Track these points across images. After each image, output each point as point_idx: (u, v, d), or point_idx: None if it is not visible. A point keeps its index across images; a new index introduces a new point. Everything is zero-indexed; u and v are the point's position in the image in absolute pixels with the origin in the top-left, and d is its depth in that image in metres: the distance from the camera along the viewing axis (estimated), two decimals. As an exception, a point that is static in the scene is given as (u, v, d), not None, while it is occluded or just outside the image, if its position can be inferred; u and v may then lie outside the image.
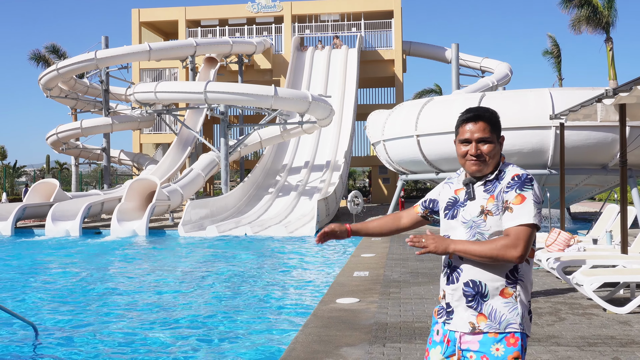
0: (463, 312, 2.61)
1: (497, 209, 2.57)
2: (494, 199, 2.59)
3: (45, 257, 14.83)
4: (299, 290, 10.02)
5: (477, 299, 2.58)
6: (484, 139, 2.66)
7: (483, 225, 2.59)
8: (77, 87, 29.79)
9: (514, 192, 2.54)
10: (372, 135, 20.28)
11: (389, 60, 32.65)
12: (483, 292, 2.58)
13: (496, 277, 2.57)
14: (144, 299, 9.41)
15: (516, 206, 2.52)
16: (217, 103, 22.07)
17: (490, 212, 2.58)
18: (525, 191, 2.54)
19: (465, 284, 2.61)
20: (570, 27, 33.15)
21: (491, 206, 2.59)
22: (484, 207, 2.60)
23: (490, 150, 2.65)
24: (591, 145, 15.45)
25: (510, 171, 2.63)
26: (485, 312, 2.57)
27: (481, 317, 2.57)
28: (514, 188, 2.55)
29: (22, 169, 49.39)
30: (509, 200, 2.54)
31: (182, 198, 22.05)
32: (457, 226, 2.68)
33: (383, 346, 5.51)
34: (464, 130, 2.70)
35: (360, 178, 57.83)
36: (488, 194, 2.62)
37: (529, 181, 2.57)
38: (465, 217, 2.65)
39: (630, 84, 7.35)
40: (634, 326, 6.11)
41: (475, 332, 2.57)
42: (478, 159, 2.65)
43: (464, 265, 2.63)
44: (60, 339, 7.10)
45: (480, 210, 2.61)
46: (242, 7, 33.46)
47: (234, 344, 6.68)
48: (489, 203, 2.60)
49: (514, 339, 2.54)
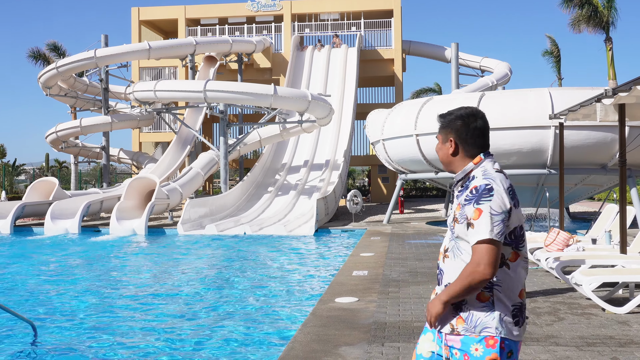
0: (445, 313, 2.66)
1: (461, 217, 2.62)
2: (459, 207, 2.65)
3: (44, 255, 14.82)
4: (297, 289, 10.02)
5: (457, 302, 2.63)
6: (437, 139, 2.85)
7: (454, 232, 2.67)
8: (77, 85, 29.76)
9: (472, 207, 2.56)
10: (372, 135, 20.29)
11: (389, 60, 32.64)
12: None
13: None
14: (142, 298, 9.41)
15: (475, 222, 2.54)
16: (217, 102, 22.06)
17: (457, 220, 2.65)
18: (482, 204, 2.53)
19: (446, 287, 2.67)
20: (570, 26, 33.16)
21: (458, 214, 2.65)
22: (455, 213, 2.67)
23: (439, 150, 2.81)
24: (590, 145, 15.45)
25: (473, 182, 2.62)
26: (463, 315, 2.61)
27: (459, 320, 2.62)
28: (472, 202, 2.56)
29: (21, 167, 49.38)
30: (469, 215, 2.57)
31: (181, 197, 22.05)
32: (449, 226, 2.79)
33: (382, 345, 5.51)
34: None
35: (359, 177, 57.85)
36: (457, 201, 2.68)
37: (486, 193, 2.54)
38: (449, 218, 2.75)
39: (629, 83, 7.35)
40: (633, 326, 6.11)
41: (454, 334, 2.62)
42: (439, 159, 2.84)
43: (445, 268, 2.73)
44: (59, 338, 7.09)
45: (453, 217, 2.69)
46: (242, 6, 33.44)
47: (233, 343, 6.68)
48: (457, 210, 2.66)
49: (492, 341, 2.56)
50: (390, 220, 20.45)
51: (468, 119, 2.72)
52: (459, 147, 2.72)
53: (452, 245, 2.69)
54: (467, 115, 2.73)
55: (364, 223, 20.23)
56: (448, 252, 2.72)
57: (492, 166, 2.67)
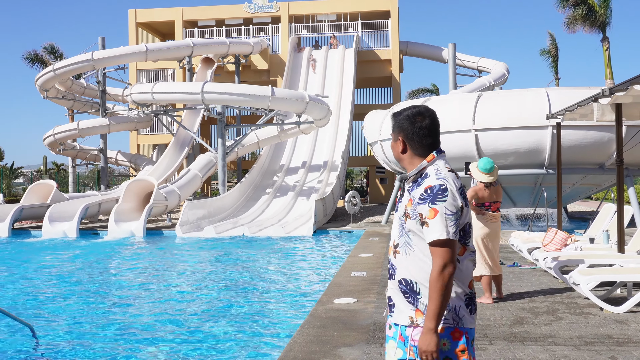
0: (402, 306, 2.72)
1: (413, 214, 2.67)
2: (410, 203, 2.69)
3: (42, 258, 14.80)
4: (296, 290, 10.02)
5: (412, 296, 2.70)
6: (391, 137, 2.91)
7: (405, 226, 2.71)
8: (74, 88, 29.73)
9: (427, 206, 2.61)
10: (370, 135, 20.30)
11: (386, 60, 32.66)
12: (415, 289, 2.69)
13: (425, 275, 2.67)
14: (141, 300, 9.41)
15: (430, 221, 2.59)
16: (215, 103, 22.05)
17: (408, 215, 2.70)
18: (437, 204, 2.59)
19: (400, 282, 2.73)
20: (565, 26, 33.18)
21: (409, 210, 2.70)
22: (406, 208, 2.72)
23: (392, 148, 2.88)
24: (588, 145, 15.48)
25: (427, 180, 2.68)
26: (420, 308, 2.67)
27: (418, 313, 2.68)
28: (427, 202, 2.61)
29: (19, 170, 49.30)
30: (424, 214, 2.62)
31: (179, 199, 22.04)
32: (395, 220, 2.83)
33: (380, 346, 5.51)
34: None
35: (357, 178, 57.83)
36: (409, 195, 2.72)
37: (441, 193, 2.61)
38: (399, 213, 2.79)
39: (626, 83, 7.37)
40: (631, 325, 6.13)
41: (414, 326, 2.67)
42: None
43: (396, 264, 2.76)
44: (57, 341, 7.09)
45: (404, 211, 2.73)
46: (239, 8, 33.44)
47: (232, 345, 6.68)
48: (409, 206, 2.70)
49: (458, 333, 2.65)
50: (388, 221, 20.46)
51: (414, 119, 2.76)
52: (406, 145, 2.79)
53: (402, 240, 2.73)
54: (414, 115, 2.77)
55: (362, 224, 20.24)
56: (399, 247, 2.75)
57: (444, 165, 2.74)
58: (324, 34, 33.68)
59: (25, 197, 22.40)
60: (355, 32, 32.94)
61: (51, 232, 19.26)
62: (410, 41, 35.34)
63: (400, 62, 33.95)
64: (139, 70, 33.68)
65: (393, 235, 2.83)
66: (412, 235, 2.69)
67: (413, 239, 2.69)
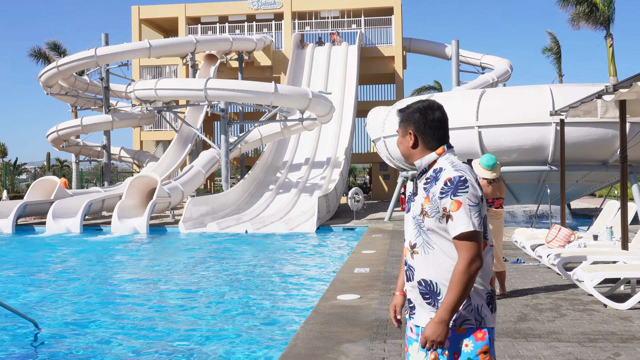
0: (422, 308, 2.66)
1: (432, 211, 2.59)
2: (429, 200, 2.61)
3: (46, 254, 14.85)
4: (299, 286, 10.03)
5: (432, 297, 2.62)
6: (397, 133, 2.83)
7: (423, 225, 2.64)
8: (77, 84, 29.77)
9: (449, 199, 2.54)
10: (373, 132, 20.28)
11: (389, 57, 32.62)
12: (435, 290, 2.61)
13: (445, 275, 2.59)
14: (145, 296, 9.43)
15: (454, 213, 2.53)
16: (218, 100, 22.06)
17: (427, 214, 2.61)
18: (460, 196, 2.53)
19: (419, 283, 2.66)
20: (569, 22, 33.12)
21: (427, 208, 2.61)
22: (423, 206, 2.64)
23: (399, 143, 2.80)
24: (591, 142, 15.44)
25: (444, 174, 2.60)
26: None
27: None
28: (449, 194, 2.54)
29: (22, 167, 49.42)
30: (447, 207, 2.55)
31: (182, 195, 22.06)
32: (408, 220, 2.75)
33: (384, 342, 5.52)
34: None
35: (360, 175, 57.83)
36: (426, 193, 2.64)
37: (462, 184, 2.55)
38: (413, 212, 2.71)
39: (630, 80, 7.35)
40: (635, 322, 6.12)
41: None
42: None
43: (415, 265, 2.68)
44: (61, 336, 7.11)
45: (421, 210, 2.65)
46: (242, 4, 33.42)
47: (235, 340, 6.69)
48: (426, 204, 2.62)
49: (481, 334, 2.58)
50: (391, 218, 20.46)
51: (426, 112, 2.70)
52: (418, 139, 2.72)
53: (420, 240, 2.66)
54: (425, 107, 2.72)
55: (365, 220, 20.24)
56: (417, 247, 2.67)
57: (456, 158, 2.68)
58: (327, 30, 33.65)
59: (28, 193, 22.45)
60: (358, 28, 32.90)
61: (55, 228, 19.30)
62: (413, 38, 35.31)
63: (404, 59, 33.91)
64: (142, 67, 33.71)
65: (408, 236, 2.74)
66: (431, 234, 2.61)
67: (432, 238, 2.61)
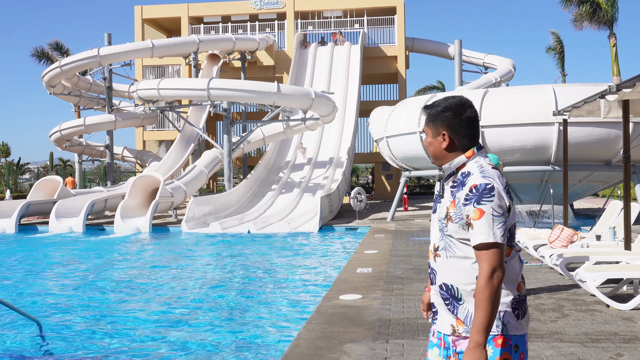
0: (444, 314, 2.58)
1: (456, 217, 2.48)
2: (454, 205, 2.50)
3: (48, 254, 14.88)
4: (302, 286, 10.03)
5: (452, 303, 2.53)
6: (425, 133, 2.65)
7: (446, 230, 2.53)
8: (80, 84, 29.82)
9: (472, 207, 2.42)
10: (375, 132, 20.28)
11: (392, 57, 32.61)
12: (456, 295, 2.52)
13: (467, 280, 2.49)
14: (148, 295, 9.44)
15: (475, 222, 2.41)
16: (220, 100, 22.07)
17: (451, 219, 2.51)
18: (484, 204, 2.40)
19: (440, 287, 2.57)
20: (572, 23, 33.07)
21: (452, 212, 2.50)
22: (448, 210, 2.53)
23: (428, 145, 2.63)
24: (594, 142, 15.42)
25: (471, 179, 2.47)
26: (461, 316, 2.51)
27: (459, 322, 2.52)
28: (472, 202, 2.42)
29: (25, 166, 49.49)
30: (470, 215, 2.43)
31: (185, 195, 22.09)
32: (433, 222, 2.65)
33: (386, 342, 5.52)
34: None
35: (363, 175, 57.79)
36: (452, 197, 2.53)
37: (487, 192, 2.41)
38: (438, 215, 2.61)
39: (633, 79, 7.33)
40: (637, 322, 6.11)
41: (456, 335, 2.53)
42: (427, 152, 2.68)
43: (437, 268, 2.59)
44: (64, 336, 7.12)
45: (445, 214, 2.54)
46: (245, 4, 33.45)
47: (238, 340, 6.70)
48: (451, 208, 2.51)
49: (501, 340, 2.47)
50: (394, 218, 20.45)
51: (458, 110, 2.53)
52: (453, 141, 2.55)
53: (443, 244, 2.56)
54: (457, 105, 2.54)
55: (367, 220, 20.24)
56: (439, 250, 2.58)
57: (487, 162, 2.53)
58: (329, 30, 33.66)
59: (31, 193, 22.50)
60: (361, 28, 32.90)
61: (58, 227, 19.34)
62: (416, 37, 35.29)
63: (406, 59, 33.90)
64: (145, 67, 33.75)
65: (433, 238, 2.64)
66: (451, 239, 2.52)
67: (454, 243, 2.52)
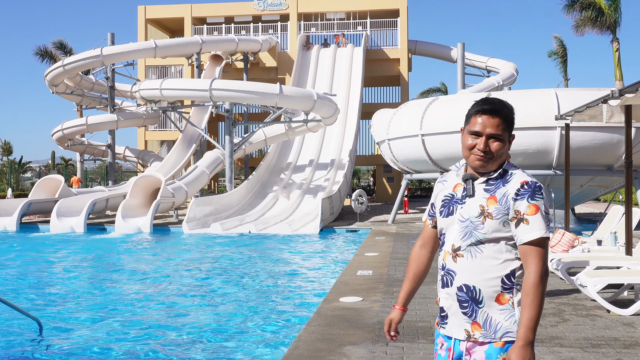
0: (457, 318, 2.50)
1: (498, 213, 2.42)
2: (495, 201, 2.44)
3: (49, 253, 14.88)
4: (302, 288, 10.03)
5: (471, 306, 2.45)
6: (495, 136, 2.48)
7: (481, 228, 2.45)
8: (83, 83, 29.87)
9: (526, 202, 2.41)
10: (377, 134, 20.27)
11: (395, 59, 32.62)
12: (477, 297, 2.44)
13: (492, 282, 2.43)
14: (148, 295, 9.44)
15: (531, 217, 2.40)
16: (223, 101, 22.09)
17: (490, 215, 2.43)
18: (537, 201, 2.41)
19: (459, 289, 2.48)
20: (574, 29, 33.01)
21: (493, 209, 2.44)
22: (484, 208, 2.45)
23: (499, 149, 2.48)
24: (596, 146, 15.40)
25: (518, 176, 2.46)
26: (479, 320, 2.44)
27: (475, 326, 2.45)
28: (526, 197, 2.41)
29: (27, 165, 49.55)
30: (522, 210, 2.41)
31: (186, 195, 22.09)
32: (452, 224, 2.54)
33: (386, 345, 5.52)
34: (477, 122, 2.51)
35: (364, 177, 57.80)
36: (488, 194, 2.47)
37: (538, 189, 2.43)
38: (463, 215, 2.50)
39: (636, 85, 7.32)
40: (638, 328, 6.10)
41: (471, 340, 2.46)
42: (485, 155, 2.47)
43: (458, 268, 2.49)
44: (64, 335, 7.12)
45: (480, 212, 2.46)
46: (248, 5, 33.48)
47: (237, 342, 6.69)
48: (490, 205, 2.44)
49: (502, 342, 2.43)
50: (395, 220, 20.44)
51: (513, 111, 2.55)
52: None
53: (467, 243, 2.47)
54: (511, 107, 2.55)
55: (368, 223, 20.23)
56: (462, 251, 2.48)
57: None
58: (332, 32, 33.68)
59: (33, 191, 22.51)
60: (364, 30, 32.92)
61: (59, 227, 19.35)
62: (419, 40, 35.26)
63: (409, 61, 33.91)
64: (148, 67, 33.78)
65: (451, 239, 2.53)
66: (484, 236, 2.44)
67: (486, 241, 2.44)
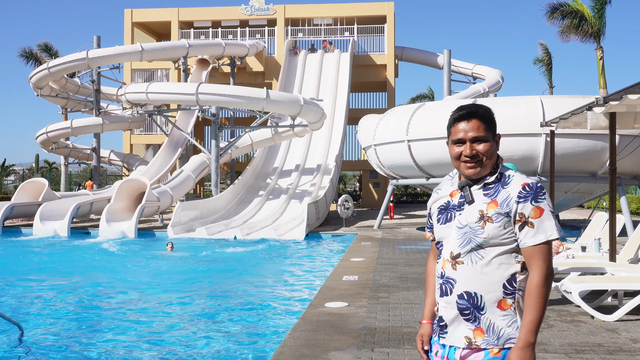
0: (458, 326, 2.44)
1: (499, 216, 2.39)
2: (496, 205, 2.40)
3: (32, 257, 14.71)
4: (287, 293, 9.99)
5: (473, 312, 2.41)
6: (478, 138, 2.47)
7: (480, 232, 2.40)
8: (68, 86, 29.62)
9: (530, 205, 2.37)
10: (363, 140, 20.30)
11: (381, 65, 32.71)
12: (479, 304, 2.40)
13: (493, 287, 2.39)
14: (130, 301, 9.36)
15: (536, 220, 2.36)
16: (209, 105, 22.01)
17: (490, 219, 2.39)
18: (541, 202, 2.38)
19: (460, 296, 2.43)
20: (559, 35, 33.31)
21: (492, 213, 2.40)
22: (484, 212, 2.41)
23: (487, 150, 2.46)
24: (581, 153, 15.54)
25: (517, 178, 2.44)
26: (482, 326, 2.40)
27: (478, 332, 2.40)
28: (529, 199, 2.37)
29: (10, 168, 49.09)
30: (526, 213, 2.37)
31: (171, 199, 21.96)
32: (450, 231, 2.50)
33: (371, 351, 5.50)
34: (457, 130, 2.50)
35: (350, 182, 57.82)
36: (488, 198, 2.43)
37: (540, 190, 2.39)
38: (461, 222, 2.46)
39: (620, 92, 7.40)
40: (622, 334, 6.13)
41: (472, 348, 2.40)
42: (474, 160, 2.45)
43: (458, 276, 2.44)
44: (46, 339, 7.03)
45: (480, 216, 2.42)
46: (236, 10, 33.43)
47: (222, 348, 6.64)
48: (490, 209, 2.40)
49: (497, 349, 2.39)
50: (380, 226, 20.46)
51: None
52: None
53: (467, 249, 2.42)
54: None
55: (354, 228, 20.23)
56: (461, 257, 2.43)
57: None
58: (319, 37, 33.72)
59: (16, 195, 22.27)
60: (351, 36, 32.99)
61: (42, 230, 19.15)
62: (405, 46, 35.42)
63: (396, 67, 34.02)
64: (134, 70, 33.59)
65: (449, 246, 2.48)
66: (485, 241, 2.40)
67: (484, 246, 2.40)
